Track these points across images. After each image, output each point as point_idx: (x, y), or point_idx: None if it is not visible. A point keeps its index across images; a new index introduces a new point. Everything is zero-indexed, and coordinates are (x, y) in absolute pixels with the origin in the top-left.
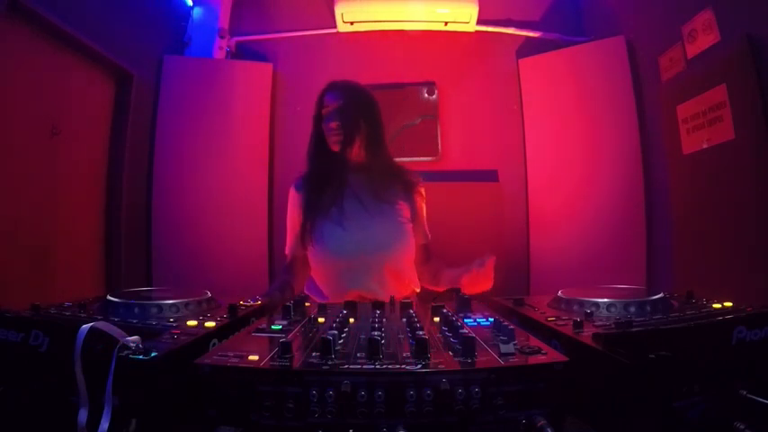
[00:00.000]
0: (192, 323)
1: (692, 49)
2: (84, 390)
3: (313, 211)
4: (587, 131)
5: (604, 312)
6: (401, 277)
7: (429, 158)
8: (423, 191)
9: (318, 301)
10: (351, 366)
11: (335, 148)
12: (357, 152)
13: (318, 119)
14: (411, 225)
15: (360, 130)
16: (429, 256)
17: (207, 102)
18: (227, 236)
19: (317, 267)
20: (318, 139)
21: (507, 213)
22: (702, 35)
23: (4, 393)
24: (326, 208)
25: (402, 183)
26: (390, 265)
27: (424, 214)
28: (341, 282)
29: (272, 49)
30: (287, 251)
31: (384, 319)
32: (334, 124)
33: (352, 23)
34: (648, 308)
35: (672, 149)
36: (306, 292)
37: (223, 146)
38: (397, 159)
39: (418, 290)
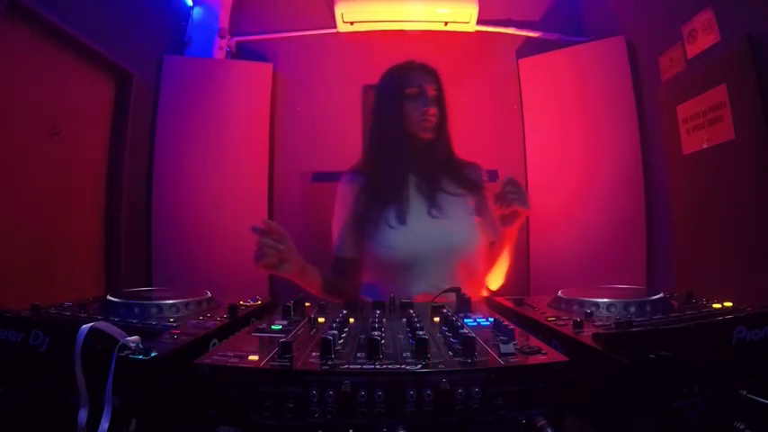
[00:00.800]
0: (191, 323)
1: (692, 49)
2: (84, 390)
3: (377, 205)
4: (587, 131)
5: (604, 312)
6: (475, 278)
7: None
8: (486, 185)
9: None
10: (351, 366)
11: (426, 135)
12: (430, 142)
13: (397, 98)
14: (479, 221)
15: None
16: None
17: (207, 102)
18: (227, 236)
19: (378, 269)
20: (396, 120)
21: None
22: (702, 35)
23: (4, 393)
24: (392, 202)
25: (468, 177)
26: (465, 264)
27: (492, 209)
28: (410, 284)
29: (272, 49)
30: (338, 253)
31: (384, 319)
32: (432, 110)
33: (352, 23)
34: (648, 308)
35: (672, 149)
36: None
37: (223, 146)
38: None
39: (486, 293)
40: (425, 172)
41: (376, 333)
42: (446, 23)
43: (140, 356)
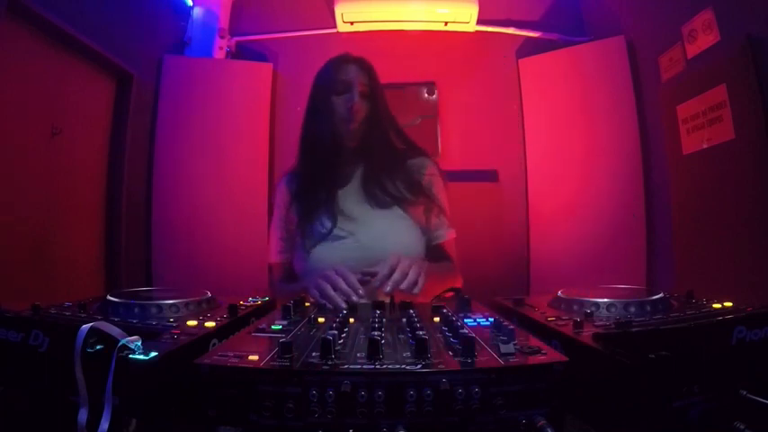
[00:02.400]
0: (191, 323)
1: (692, 49)
2: (84, 390)
3: (307, 212)
4: (587, 131)
5: (604, 312)
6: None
7: None
8: (435, 175)
9: None
10: (351, 366)
11: (351, 137)
12: (362, 140)
13: (327, 94)
14: (422, 227)
15: (369, 119)
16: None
17: (207, 102)
18: (227, 236)
19: (306, 280)
20: (324, 119)
21: (507, 213)
22: (702, 35)
23: (4, 393)
24: (322, 209)
25: (411, 172)
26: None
27: (440, 204)
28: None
29: (272, 49)
30: (276, 259)
31: (384, 319)
32: (357, 106)
33: (352, 23)
34: (648, 308)
35: (672, 149)
36: None
37: (223, 146)
38: None
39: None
40: (355, 177)
41: (376, 333)
42: (446, 23)
43: (140, 356)
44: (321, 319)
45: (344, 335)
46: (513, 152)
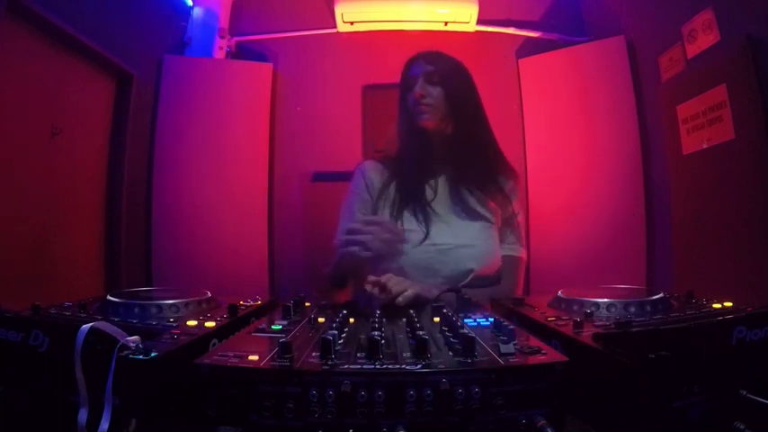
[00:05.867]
0: (191, 323)
1: (692, 49)
2: (84, 390)
3: (400, 207)
4: (587, 131)
5: (604, 312)
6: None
7: None
8: (515, 191)
9: None
10: (351, 366)
11: (424, 122)
12: (443, 138)
13: (402, 94)
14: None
15: (448, 107)
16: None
17: (207, 102)
18: (227, 236)
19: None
20: (403, 118)
21: None
22: (702, 35)
23: (4, 393)
24: (414, 208)
25: (495, 181)
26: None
27: (511, 221)
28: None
29: (272, 49)
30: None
31: (384, 319)
32: (419, 93)
33: (352, 23)
34: (648, 308)
35: (672, 149)
36: None
37: (223, 146)
38: None
39: None
40: (440, 180)
41: (376, 333)
42: (446, 23)
43: (140, 356)
44: (321, 319)
45: (344, 335)
46: (513, 152)
